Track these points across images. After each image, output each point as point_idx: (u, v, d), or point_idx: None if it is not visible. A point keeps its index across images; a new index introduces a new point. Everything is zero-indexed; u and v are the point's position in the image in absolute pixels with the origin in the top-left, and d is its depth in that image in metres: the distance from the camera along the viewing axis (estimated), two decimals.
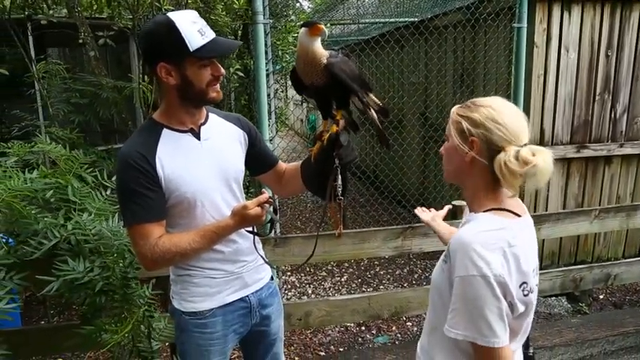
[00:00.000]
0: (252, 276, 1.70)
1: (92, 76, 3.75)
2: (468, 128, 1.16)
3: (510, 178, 1.12)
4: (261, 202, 1.50)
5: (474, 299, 1.07)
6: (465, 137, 1.18)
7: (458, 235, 1.14)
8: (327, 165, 1.52)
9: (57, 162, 2.30)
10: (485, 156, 1.17)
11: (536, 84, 3.78)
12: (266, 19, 3.05)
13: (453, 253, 1.12)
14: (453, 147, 1.21)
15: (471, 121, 1.17)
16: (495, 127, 1.14)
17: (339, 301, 2.80)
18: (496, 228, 1.14)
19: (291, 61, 4.34)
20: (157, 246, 1.43)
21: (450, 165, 1.26)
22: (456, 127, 1.20)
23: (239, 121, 1.72)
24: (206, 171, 1.54)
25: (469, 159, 1.18)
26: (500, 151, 1.14)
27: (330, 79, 1.47)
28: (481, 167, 1.18)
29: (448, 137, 1.24)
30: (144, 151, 1.45)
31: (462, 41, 4.71)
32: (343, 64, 1.49)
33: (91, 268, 1.79)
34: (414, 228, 2.78)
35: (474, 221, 1.17)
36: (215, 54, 1.45)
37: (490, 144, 1.15)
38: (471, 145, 1.17)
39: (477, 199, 1.22)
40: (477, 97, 1.25)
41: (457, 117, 1.20)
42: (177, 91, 1.47)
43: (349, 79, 1.48)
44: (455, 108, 1.23)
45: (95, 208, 2.05)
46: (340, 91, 1.52)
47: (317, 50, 1.45)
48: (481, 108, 1.17)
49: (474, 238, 1.10)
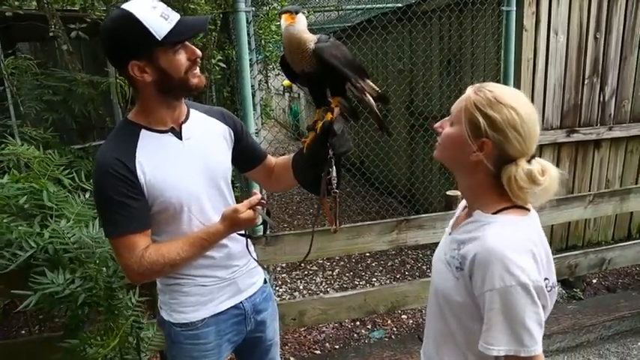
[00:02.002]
0: (245, 280, 1.60)
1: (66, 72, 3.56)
2: (485, 128, 1.06)
3: (517, 191, 1.06)
4: (253, 204, 1.41)
5: (515, 310, 0.99)
6: (477, 134, 1.07)
7: (484, 245, 1.04)
8: (321, 156, 1.42)
9: (30, 165, 2.15)
10: (492, 161, 1.08)
11: (525, 68, 3.71)
12: (248, 7, 2.91)
13: (482, 263, 1.02)
14: (458, 136, 1.10)
15: (490, 122, 1.06)
16: (515, 137, 1.05)
17: (334, 299, 2.71)
18: (519, 229, 1.06)
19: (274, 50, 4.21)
20: (143, 258, 1.32)
21: (448, 152, 1.15)
22: (470, 118, 1.08)
23: (223, 115, 1.60)
24: (191, 173, 1.43)
25: (475, 159, 1.09)
26: (511, 161, 1.07)
27: (320, 65, 1.36)
28: (485, 170, 1.10)
29: (454, 121, 1.12)
30: (122, 156, 1.32)
31: (449, 26, 4.61)
32: (334, 48, 1.38)
33: (71, 279, 1.66)
34: (409, 220, 2.70)
35: (493, 225, 1.07)
36: (185, 36, 1.32)
37: (502, 152, 1.07)
38: (481, 145, 1.07)
39: (481, 197, 1.14)
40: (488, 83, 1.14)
41: (474, 109, 1.08)
42: (155, 86, 1.34)
43: (341, 64, 1.37)
44: (472, 93, 1.10)
45: (74, 214, 1.92)
46: (333, 78, 1.41)
47: (301, 36, 1.35)
48: (504, 109, 1.05)
49: (503, 245, 1.01)
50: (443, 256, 1.18)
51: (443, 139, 1.16)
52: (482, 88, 1.10)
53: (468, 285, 1.06)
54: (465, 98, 1.11)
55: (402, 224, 2.68)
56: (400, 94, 5.56)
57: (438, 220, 2.76)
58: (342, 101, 1.46)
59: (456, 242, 1.14)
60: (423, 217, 2.74)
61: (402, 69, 5.66)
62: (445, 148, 1.16)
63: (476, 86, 1.12)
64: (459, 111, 1.11)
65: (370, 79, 1.48)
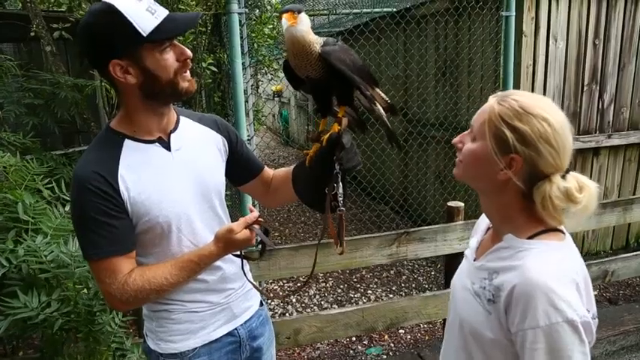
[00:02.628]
0: (240, 305, 1.46)
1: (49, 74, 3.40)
2: (514, 143, 0.94)
3: (552, 212, 0.95)
4: (250, 222, 1.26)
5: (560, 350, 0.87)
6: (504, 150, 0.95)
7: (525, 275, 0.91)
8: (326, 171, 1.29)
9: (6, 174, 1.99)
10: (523, 179, 0.96)
11: (525, 75, 3.63)
12: (241, 9, 2.78)
13: (522, 297, 0.90)
14: (483, 153, 0.98)
15: (519, 135, 0.94)
16: (548, 150, 0.93)
17: (331, 316, 2.57)
18: (561, 257, 0.94)
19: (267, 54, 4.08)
20: (127, 284, 1.18)
21: (472, 170, 1.03)
22: (496, 132, 0.96)
23: (216, 123, 1.46)
24: (180, 188, 1.28)
25: (503, 178, 0.97)
26: (544, 178, 0.95)
27: (327, 71, 1.24)
28: (515, 189, 0.98)
29: (477, 136, 1.00)
30: (102, 170, 1.17)
31: (445, 31, 4.52)
32: (342, 52, 1.26)
33: (47, 302, 1.51)
34: (409, 233, 2.58)
35: (532, 253, 0.95)
36: (174, 33, 1.18)
37: (534, 168, 0.95)
38: (509, 162, 0.96)
39: (511, 220, 1.02)
40: (511, 91, 1.03)
41: (500, 121, 0.95)
42: (140, 90, 1.19)
43: (350, 70, 1.25)
44: (495, 104, 0.98)
45: (52, 228, 1.76)
46: (341, 85, 1.29)
47: (305, 38, 1.21)
48: (534, 120, 0.94)
49: (547, 276, 0.89)
50: (470, 285, 1.05)
51: (465, 157, 1.03)
52: (507, 97, 0.98)
53: (503, 320, 0.94)
54: (488, 109, 0.99)
55: (402, 237, 2.56)
56: (395, 99, 5.45)
57: (440, 233, 2.64)
58: (350, 111, 1.34)
59: (486, 271, 1.02)
60: (424, 229, 2.63)
61: (396, 74, 5.56)
62: (468, 167, 1.03)
63: (498, 95, 1.01)
64: (481, 124, 0.99)
65: (380, 88, 1.36)
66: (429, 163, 4.95)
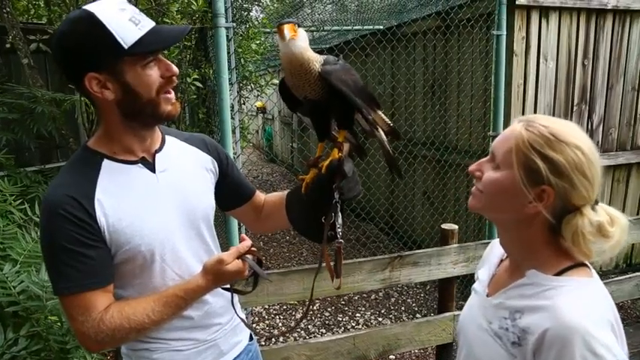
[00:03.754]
0: (228, 340, 1.33)
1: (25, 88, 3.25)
2: (547, 174, 0.86)
3: (583, 247, 0.87)
4: (242, 252, 1.15)
5: None
6: (534, 181, 0.87)
7: (558, 318, 0.82)
8: (323, 199, 1.18)
9: None
10: (552, 212, 0.88)
11: (516, 94, 3.60)
12: (229, 23, 2.69)
13: (557, 342, 0.80)
14: (509, 184, 0.89)
15: (552, 165, 0.86)
16: (581, 182, 0.86)
17: (321, 344, 2.45)
18: (593, 296, 0.86)
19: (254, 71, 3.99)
20: (102, 322, 1.05)
21: (494, 202, 0.94)
22: (525, 162, 0.87)
23: (205, 144, 1.35)
24: (166, 213, 1.17)
25: (531, 211, 0.89)
26: (574, 210, 0.87)
27: (327, 92, 1.14)
28: (542, 222, 0.90)
29: (501, 164, 0.91)
30: (77, 194, 1.05)
31: (433, 49, 4.50)
32: (344, 72, 1.17)
33: (14, 339, 1.36)
34: (403, 257, 2.48)
35: (563, 292, 0.86)
36: (158, 46, 1.07)
37: (566, 200, 0.87)
38: (539, 194, 0.87)
39: (536, 254, 0.93)
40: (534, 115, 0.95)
41: (530, 150, 0.87)
42: (118, 107, 1.08)
43: (352, 91, 1.16)
44: (523, 130, 0.89)
45: (22, 255, 1.62)
46: (341, 107, 1.19)
47: (304, 55, 1.12)
48: (567, 149, 0.86)
49: (583, 319, 0.81)
50: (486, 325, 0.95)
51: (486, 187, 0.94)
52: (533, 122, 0.90)
53: None
54: (515, 136, 0.90)
55: (396, 261, 2.46)
56: None
57: (434, 257, 2.55)
58: (349, 136, 1.24)
59: (506, 309, 0.92)
60: (417, 253, 2.53)
61: (385, 92, 5.52)
62: (490, 198, 0.94)
63: (524, 120, 0.92)
64: (507, 152, 0.90)
65: (382, 110, 1.27)
66: (418, 182, 4.89)
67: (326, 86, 1.14)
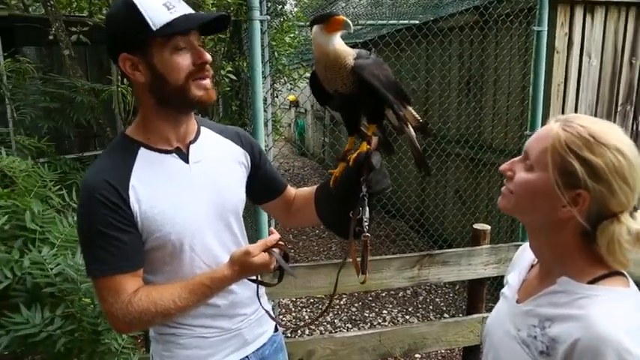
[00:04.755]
0: (253, 331, 1.35)
1: (66, 78, 3.35)
2: (584, 178, 0.82)
3: (619, 256, 0.83)
4: (269, 245, 1.16)
5: None
6: (570, 185, 0.83)
7: (591, 328, 0.79)
8: (351, 193, 1.17)
9: (15, 179, 1.91)
10: (587, 218, 0.84)
11: (555, 93, 3.48)
12: (263, 16, 2.70)
13: (589, 353, 0.77)
14: (543, 186, 0.86)
15: (590, 169, 0.82)
16: (621, 187, 0.82)
17: (346, 339, 2.45)
18: (630, 308, 0.81)
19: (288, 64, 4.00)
20: (130, 304, 1.08)
21: (526, 204, 0.91)
22: (561, 164, 0.84)
23: (239, 137, 1.36)
24: (197, 204, 1.19)
25: (564, 215, 0.85)
26: (611, 216, 0.83)
27: (358, 86, 1.13)
28: (575, 228, 0.86)
29: (535, 165, 0.88)
30: (113, 179, 1.09)
31: (470, 45, 4.40)
32: (376, 67, 1.15)
33: (50, 319, 1.42)
34: (432, 256, 2.45)
35: (597, 301, 0.82)
36: (185, 27, 1.07)
37: (603, 206, 0.83)
38: (574, 198, 0.83)
39: (568, 261, 0.89)
40: (572, 114, 0.91)
41: (567, 152, 0.83)
42: (150, 92, 1.12)
43: (383, 86, 1.14)
44: (560, 130, 0.85)
45: (59, 239, 1.68)
46: (372, 102, 1.18)
47: (339, 50, 1.11)
48: (607, 152, 0.81)
49: (617, 331, 0.77)
50: (514, 332, 0.93)
51: (518, 188, 0.91)
52: (572, 122, 0.86)
53: None
54: (551, 136, 0.86)
55: (425, 260, 2.43)
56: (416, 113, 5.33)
57: (464, 257, 2.51)
58: (377, 132, 1.23)
59: (536, 317, 0.89)
60: (447, 252, 2.49)
61: (419, 88, 5.44)
62: (521, 199, 0.91)
63: (561, 119, 0.88)
64: (542, 152, 0.86)
65: (412, 106, 1.25)
66: (450, 180, 4.81)
67: (357, 80, 1.13)
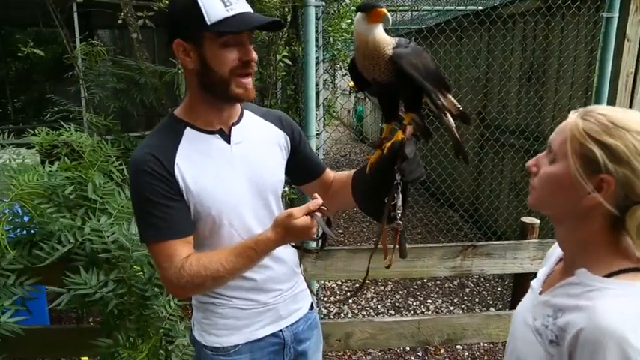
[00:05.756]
0: (287, 306, 1.41)
1: (133, 60, 3.56)
2: (605, 162, 0.81)
3: None
4: (312, 210, 1.16)
5: None
6: (592, 171, 0.82)
7: (593, 319, 0.79)
8: (386, 180, 1.20)
9: (82, 154, 2.09)
10: (614, 204, 0.82)
11: (623, 84, 3.29)
12: (318, 2, 2.74)
13: (589, 343, 0.77)
14: (564, 175, 0.85)
15: (610, 152, 0.80)
16: None
17: (385, 324, 2.48)
18: None
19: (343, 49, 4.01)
20: (183, 269, 1.16)
21: (551, 197, 0.90)
22: (580, 151, 0.83)
23: (280, 120, 1.42)
24: (237, 182, 1.26)
25: (590, 203, 0.84)
26: (638, 202, 0.81)
27: (396, 75, 1.15)
28: (603, 214, 0.84)
29: (556, 157, 0.87)
30: (160, 155, 1.18)
31: (532, 32, 4.22)
32: (414, 56, 1.16)
33: (104, 282, 1.56)
34: (476, 247, 2.41)
35: (607, 294, 0.82)
36: (236, 29, 1.13)
37: (629, 190, 0.81)
38: (599, 184, 0.82)
39: (590, 253, 0.88)
40: (594, 106, 0.89)
41: (585, 138, 0.82)
42: (197, 78, 1.20)
43: (421, 76, 1.15)
44: (578, 119, 0.85)
45: (116, 210, 1.82)
46: (410, 91, 1.20)
47: (379, 39, 1.13)
48: (627, 134, 0.80)
49: (621, 324, 0.76)
50: (531, 321, 0.93)
51: (542, 182, 0.91)
52: (590, 112, 0.85)
53: None
54: (570, 127, 0.85)
55: (469, 250, 2.40)
56: (470, 103, 5.19)
57: (509, 250, 2.45)
58: (416, 118, 1.24)
59: (551, 307, 0.89)
60: (492, 244, 2.45)
61: (477, 76, 5.29)
62: (546, 193, 0.91)
63: (580, 111, 0.87)
64: (561, 143, 0.86)
65: (452, 94, 1.25)
66: (505, 172, 4.67)
67: (395, 69, 1.14)
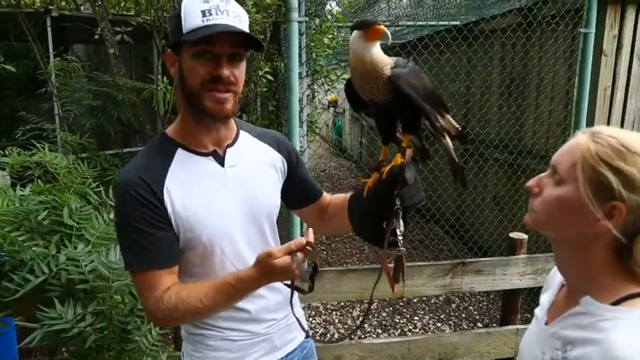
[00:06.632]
0: (283, 336, 1.33)
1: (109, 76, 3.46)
2: (619, 188, 0.77)
3: None
4: (293, 249, 1.08)
5: None
6: (604, 197, 0.79)
7: (609, 354, 0.74)
8: (385, 205, 1.14)
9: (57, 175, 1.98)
10: (623, 231, 0.79)
11: (602, 98, 3.33)
12: (301, 17, 2.70)
13: None
14: (573, 200, 0.81)
15: (625, 178, 0.77)
16: None
17: (374, 345, 2.41)
18: None
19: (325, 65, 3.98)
20: (162, 301, 1.09)
21: (556, 220, 0.86)
22: (592, 176, 0.79)
23: (277, 142, 1.35)
24: (229, 206, 1.19)
25: (599, 230, 0.80)
26: None
27: (394, 96, 1.10)
28: (609, 243, 0.81)
29: (563, 179, 0.83)
30: (149, 177, 1.11)
31: (512, 47, 4.27)
32: (413, 76, 1.11)
33: (82, 315, 1.45)
34: (466, 264, 2.38)
35: (620, 324, 0.77)
36: (201, 35, 1.04)
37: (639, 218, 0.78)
38: (609, 211, 0.79)
39: (595, 279, 0.84)
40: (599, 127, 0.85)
41: (599, 163, 0.79)
42: (180, 90, 1.16)
43: (420, 96, 1.10)
44: (589, 141, 0.81)
45: (94, 236, 1.72)
46: (408, 112, 1.14)
47: (377, 59, 1.08)
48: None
49: (638, 356, 0.72)
50: (540, 355, 0.89)
51: (546, 205, 0.87)
52: (600, 133, 0.82)
53: None
54: (580, 149, 0.82)
55: (458, 268, 2.37)
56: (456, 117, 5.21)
57: (499, 266, 2.43)
58: (414, 139, 1.19)
59: (560, 340, 0.85)
60: (481, 261, 2.42)
61: (458, 91, 5.33)
62: (551, 216, 0.86)
63: (589, 132, 0.84)
64: (571, 166, 0.82)
65: (450, 114, 1.21)
66: (488, 186, 4.68)
67: (393, 90, 1.09)
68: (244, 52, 1.15)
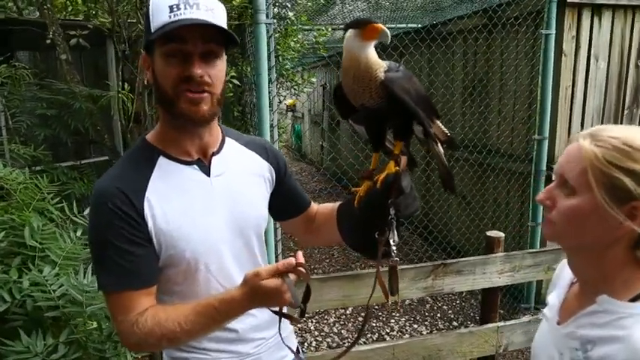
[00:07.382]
0: (272, 355, 1.25)
1: (63, 84, 3.25)
2: (635, 188, 0.76)
3: None
4: (281, 270, 0.96)
5: None
6: (621, 200, 0.77)
7: (634, 350, 0.74)
8: (378, 215, 1.08)
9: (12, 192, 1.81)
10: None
11: (563, 96, 3.42)
12: (269, 19, 2.62)
13: None
14: (592, 208, 0.79)
15: (638, 177, 0.76)
16: None
17: (360, 353, 2.35)
18: None
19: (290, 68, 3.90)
20: (136, 325, 0.98)
21: (577, 230, 0.83)
22: (606, 181, 0.78)
23: (265, 150, 1.26)
24: (215, 220, 1.09)
25: (623, 232, 0.78)
26: None
27: (387, 100, 1.04)
28: (627, 241, 0.80)
29: (576, 188, 0.81)
30: (127, 188, 1.00)
31: (473, 49, 4.34)
32: (406, 81, 1.07)
33: (54, 345, 1.31)
34: (447, 265, 2.36)
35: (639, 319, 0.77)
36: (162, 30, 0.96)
37: None
38: (630, 212, 0.77)
39: (612, 278, 0.83)
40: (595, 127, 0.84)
41: (609, 167, 0.77)
42: (156, 94, 1.08)
43: (413, 101, 1.05)
44: (592, 147, 0.79)
45: (61, 256, 1.58)
46: (401, 118, 1.09)
47: (372, 61, 1.02)
48: None
49: None
50: (557, 356, 0.88)
51: (564, 216, 0.84)
52: (600, 135, 0.80)
53: None
54: (586, 155, 0.80)
55: (439, 269, 2.34)
56: None
57: (478, 265, 2.43)
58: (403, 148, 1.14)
59: (578, 340, 0.84)
60: (461, 261, 2.41)
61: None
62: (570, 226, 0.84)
63: (588, 135, 0.82)
64: (581, 174, 0.80)
65: (440, 120, 1.17)
66: (458, 186, 4.74)
67: (386, 95, 1.04)
68: (222, 49, 1.04)
